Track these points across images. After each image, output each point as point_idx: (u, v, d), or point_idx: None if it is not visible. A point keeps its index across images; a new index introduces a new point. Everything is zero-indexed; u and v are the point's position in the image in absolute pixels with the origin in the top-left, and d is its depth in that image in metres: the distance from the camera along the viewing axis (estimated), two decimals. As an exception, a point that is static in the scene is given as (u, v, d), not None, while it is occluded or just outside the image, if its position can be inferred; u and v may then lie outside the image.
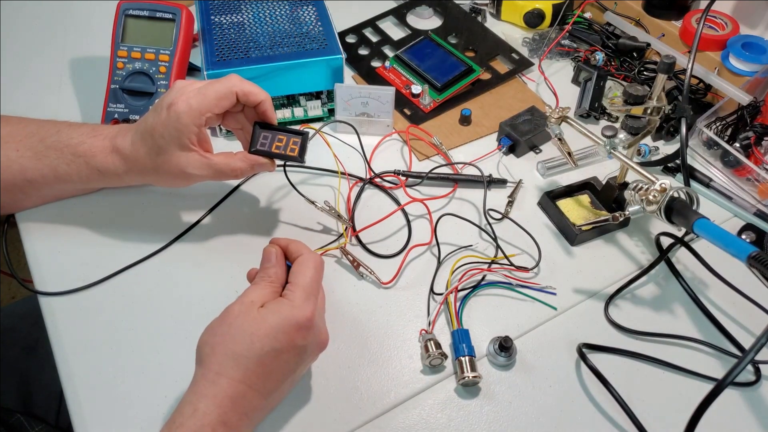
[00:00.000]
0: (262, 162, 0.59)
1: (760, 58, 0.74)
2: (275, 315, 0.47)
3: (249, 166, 0.59)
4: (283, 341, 0.47)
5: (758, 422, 0.54)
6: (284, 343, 0.47)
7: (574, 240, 0.65)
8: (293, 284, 0.50)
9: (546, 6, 0.87)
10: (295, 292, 0.49)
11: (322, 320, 0.53)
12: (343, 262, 0.63)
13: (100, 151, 0.59)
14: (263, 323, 0.47)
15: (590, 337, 0.58)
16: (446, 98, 0.78)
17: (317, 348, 0.51)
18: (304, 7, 0.76)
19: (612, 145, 0.62)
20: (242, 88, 0.56)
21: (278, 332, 0.47)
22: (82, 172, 0.59)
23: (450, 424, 0.53)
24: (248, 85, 0.57)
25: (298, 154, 0.58)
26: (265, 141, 0.59)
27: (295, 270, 0.51)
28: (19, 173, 0.60)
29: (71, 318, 0.58)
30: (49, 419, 0.73)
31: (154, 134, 0.56)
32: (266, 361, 0.46)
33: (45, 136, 0.60)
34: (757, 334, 0.45)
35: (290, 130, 0.59)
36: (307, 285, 0.50)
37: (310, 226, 0.66)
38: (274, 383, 0.48)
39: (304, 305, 0.48)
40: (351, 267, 0.62)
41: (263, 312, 0.48)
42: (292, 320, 0.47)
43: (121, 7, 0.71)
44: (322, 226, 0.66)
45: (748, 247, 0.48)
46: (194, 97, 0.55)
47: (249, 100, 0.57)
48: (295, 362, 0.48)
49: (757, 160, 0.69)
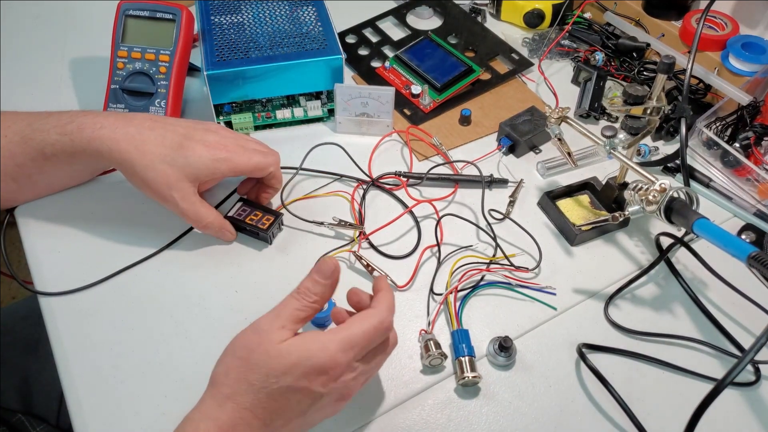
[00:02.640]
0: (228, 230, 0.62)
1: (759, 58, 0.74)
2: (301, 352, 0.43)
3: (218, 226, 0.62)
4: (301, 382, 0.43)
5: (758, 422, 0.54)
6: (301, 384, 0.43)
7: (574, 240, 0.65)
8: (342, 327, 0.45)
9: (546, 6, 0.87)
10: (336, 335, 0.44)
11: (358, 378, 0.46)
12: (355, 267, 0.63)
13: (88, 126, 0.58)
14: (286, 358, 0.43)
15: (590, 337, 0.58)
16: (446, 98, 0.78)
17: (337, 399, 0.46)
18: (304, 8, 0.76)
19: (612, 145, 0.62)
20: (277, 172, 0.63)
21: (298, 371, 0.43)
22: (66, 151, 0.59)
23: (450, 424, 0.53)
24: (280, 172, 0.64)
25: (267, 228, 0.63)
26: (242, 213, 0.64)
27: (356, 317, 0.46)
28: (9, 159, 0.60)
29: (71, 318, 0.58)
30: (50, 419, 0.73)
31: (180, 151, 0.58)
32: (277, 397, 0.43)
33: (33, 121, 0.60)
34: (757, 334, 0.45)
35: (268, 209, 0.65)
36: (353, 334, 0.44)
37: (320, 231, 0.66)
38: (281, 420, 0.45)
39: (337, 354, 0.43)
40: (361, 270, 0.62)
41: (290, 344, 0.44)
42: (316, 364, 0.43)
43: (121, 7, 0.71)
44: (333, 231, 0.66)
45: (748, 247, 0.48)
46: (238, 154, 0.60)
47: (270, 182, 0.64)
48: (308, 406, 0.45)
49: (756, 160, 0.69)
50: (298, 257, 0.63)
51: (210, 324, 0.58)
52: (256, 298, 0.60)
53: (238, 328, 0.51)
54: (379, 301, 0.48)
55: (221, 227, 0.62)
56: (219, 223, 0.61)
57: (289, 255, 0.63)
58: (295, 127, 0.76)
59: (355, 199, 0.68)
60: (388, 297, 0.48)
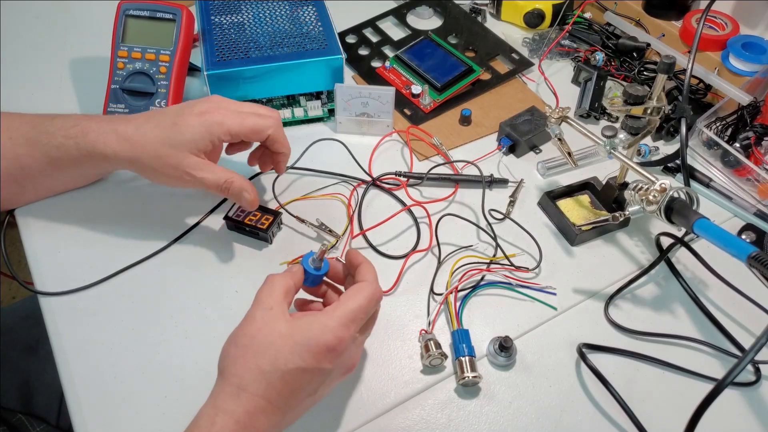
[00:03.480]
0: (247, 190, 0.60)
1: (760, 58, 0.74)
2: (304, 333, 0.45)
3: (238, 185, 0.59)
4: (310, 361, 0.44)
5: (758, 422, 0.54)
6: (310, 363, 0.44)
7: (574, 240, 0.65)
8: (338, 304, 0.47)
9: (546, 6, 0.87)
10: (335, 313, 0.46)
11: (358, 348, 0.50)
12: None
13: (93, 130, 0.58)
14: (290, 338, 0.44)
15: (590, 337, 0.58)
16: (446, 98, 0.78)
17: (343, 372, 0.49)
18: (304, 8, 0.76)
19: (612, 145, 0.62)
20: (276, 134, 0.60)
21: (305, 351, 0.44)
22: (72, 154, 0.59)
23: (450, 424, 0.53)
24: (282, 133, 0.61)
25: (266, 227, 0.63)
26: (241, 213, 0.64)
27: (349, 292, 0.48)
28: (14, 160, 0.60)
29: (71, 318, 0.58)
30: (50, 419, 0.73)
31: (174, 129, 0.57)
32: (289, 379, 0.44)
33: (38, 123, 0.60)
34: (757, 334, 0.45)
35: (266, 209, 0.64)
36: (351, 310, 0.46)
37: (320, 231, 0.65)
38: (295, 401, 0.46)
39: (338, 329, 0.45)
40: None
41: (291, 326, 0.45)
42: (321, 342, 0.44)
43: (121, 7, 0.71)
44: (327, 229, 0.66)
45: (748, 247, 0.48)
46: (231, 117, 0.58)
47: (274, 146, 0.62)
48: (318, 383, 0.46)
49: (757, 160, 0.69)
50: (298, 257, 0.63)
51: (210, 324, 0.58)
52: (256, 298, 0.60)
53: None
54: (365, 273, 0.50)
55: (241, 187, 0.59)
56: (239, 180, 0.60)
57: (289, 255, 0.63)
58: (296, 127, 0.76)
59: (351, 199, 0.68)
60: (371, 269, 0.51)
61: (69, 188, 0.67)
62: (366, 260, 0.51)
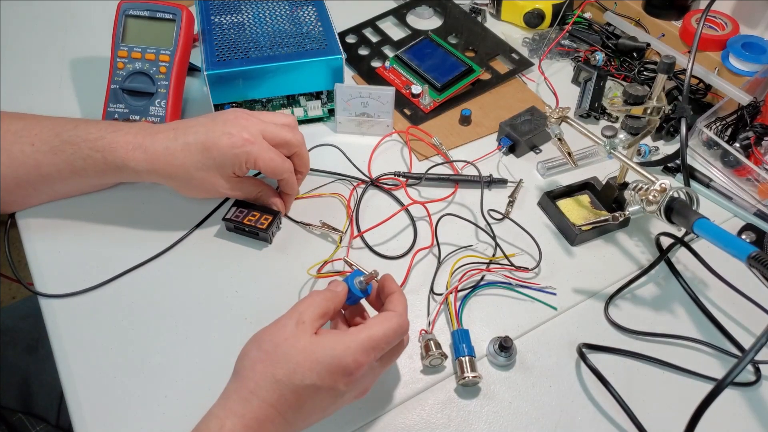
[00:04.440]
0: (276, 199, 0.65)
1: (760, 58, 0.74)
2: (327, 351, 0.45)
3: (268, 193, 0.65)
4: (326, 380, 0.44)
5: (758, 422, 0.54)
6: (326, 382, 0.44)
7: (574, 240, 0.65)
8: (364, 327, 0.47)
9: (546, 6, 0.87)
10: (359, 335, 0.46)
11: (375, 375, 0.50)
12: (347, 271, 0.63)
13: (121, 146, 0.59)
14: (311, 355, 0.44)
15: (590, 337, 0.58)
16: (446, 98, 0.78)
17: (355, 395, 0.49)
18: (304, 8, 0.76)
19: (612, 145, 0.62)
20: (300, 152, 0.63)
21: (323, 370, 0.44)
22: (98, 167, 0.60)
23: (450, 424, 0.53)
24: (305, 153, 0.64)
25: (266, 227, 0.63)
26: (240, 214, 0.63)
27: (377, 318, 0.48)
28: (34, 168, 0.60)
29: (72, 319, 0.58)
30: (50, 419, 0.73)
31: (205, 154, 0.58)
32: (302, 394, 0.44)
33: (61, 131, 0.60)
34: (757, 334, 0.45)
35: (265, 208, 0.64)
36: (375, 338, 0.46)
37: (320, 230, 0.65)
38: (303, 415, 0.46)
39: (359, 354, 0.45)
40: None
41: (315, 342, 0.45)
42: (341, 364, 0.44)
43: (121, 7, 0.71)
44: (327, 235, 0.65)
45: (748, 247, 0.48)
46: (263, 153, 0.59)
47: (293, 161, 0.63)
48: (329, 402, 0.46)
49: (757, 160, 0.69)
50: (299, 256, 0.63)
51: (210, 324, 0.58)
52: (256, 298, 0.60)
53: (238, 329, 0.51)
54: (396, 303, 0.50)
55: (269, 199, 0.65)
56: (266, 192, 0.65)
57: (289, 254, 0.63)
58: (295, 127, 0.76)
59: (351, 199, 0.68)
60: (402, 299, 0.50)
61: (86, 193, 0.66)
62: (399, 290, 0.51)
